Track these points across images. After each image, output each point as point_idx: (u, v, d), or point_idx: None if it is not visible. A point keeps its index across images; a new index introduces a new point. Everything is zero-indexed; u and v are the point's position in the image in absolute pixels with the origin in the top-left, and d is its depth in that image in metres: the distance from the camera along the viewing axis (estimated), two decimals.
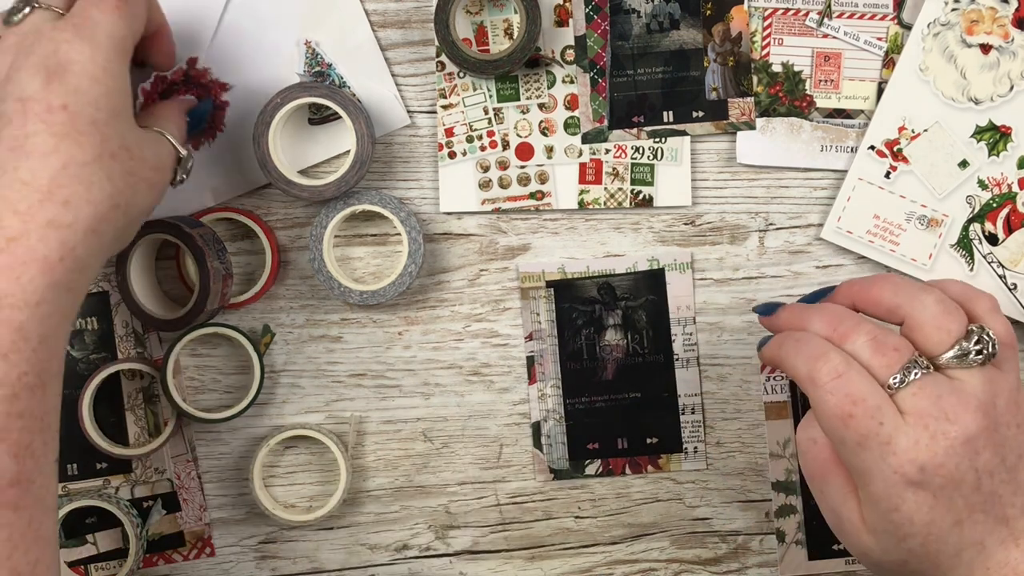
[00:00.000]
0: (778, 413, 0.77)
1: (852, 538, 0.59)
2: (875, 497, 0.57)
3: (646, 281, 0.77)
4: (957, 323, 0.58)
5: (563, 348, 0.77)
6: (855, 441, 0.56)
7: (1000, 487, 0.57)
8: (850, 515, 0.59)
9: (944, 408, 0.56)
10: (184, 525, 0.78)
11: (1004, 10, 0.74)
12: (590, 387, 0.77)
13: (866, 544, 0.59)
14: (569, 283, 0.77)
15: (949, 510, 0.56)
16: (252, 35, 0.74)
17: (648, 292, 0.77)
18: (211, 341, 0.77)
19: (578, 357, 0.77)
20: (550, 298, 0.77)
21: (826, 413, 0.57)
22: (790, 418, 0.77)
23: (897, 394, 0.56)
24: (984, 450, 0.56)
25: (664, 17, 0.75)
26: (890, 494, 0.56)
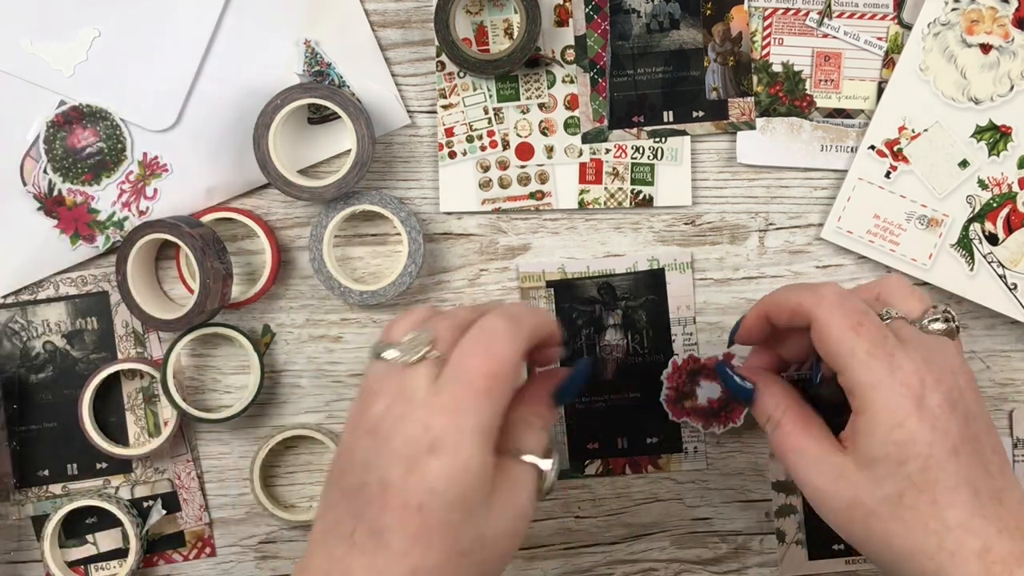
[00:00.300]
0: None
1: (839, 484, 0.59)
2: (879, 413, 0.58)
3: (646, 281, 0.77)
4: (923, 299, 0.62)
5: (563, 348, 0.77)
6: (865, 350, 0.58)
7: (982, 435, 0.59)
8: (836, 457, 0.60)
9: (928, 343, 0.59)
10: (184, 525, 0.78)
11: (1004, 10, 0.74)
12: (590, 387, 0.77)
13: (856, 485, 0.59)
14: (569, 283, 0.77)
15: (947, 434, 0.57)
16: (252, 34, 0.74)
17: (648, 292, 0.77)
18: (211, 341, 0.77)
19: (578, 357, 0.77)
20: (550, 298, 0.77)
21: (836, 326, 0.59)
22: None
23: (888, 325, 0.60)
24: (967, 391, 0.59)
25: (664, 17, 0.75)
26: (897, 408, 0.57)
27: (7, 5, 0.73)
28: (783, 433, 0.62)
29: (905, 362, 0.58)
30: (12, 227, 0.75)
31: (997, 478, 0.59)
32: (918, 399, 0.57)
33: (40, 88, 0.74)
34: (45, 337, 0.77)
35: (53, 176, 0.75)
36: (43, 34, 0.74)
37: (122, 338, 0.77)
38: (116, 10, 0.74)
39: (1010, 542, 0.57)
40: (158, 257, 0.77)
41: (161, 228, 0.71)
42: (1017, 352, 0.77)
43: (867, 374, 0.58)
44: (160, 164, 0.75)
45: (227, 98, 0.75)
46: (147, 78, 0.74)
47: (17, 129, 0.75)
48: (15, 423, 0.77)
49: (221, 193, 0.76)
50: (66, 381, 0.77)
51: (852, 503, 0.59)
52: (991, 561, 0.57)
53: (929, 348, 0.59)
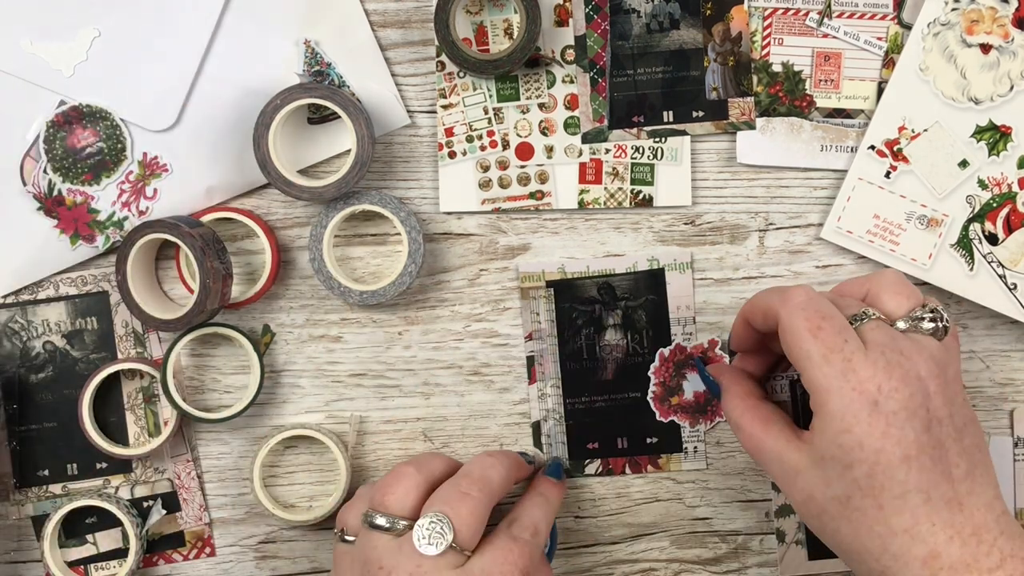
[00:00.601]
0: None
1: (797, 480, 0.61)
2: (830, 416, 0.59)
3: (646, 281, 0.77)
4: (912, 297, 0.62)
5: (563, 348, 0.77)
6: (821, 354, 0.59)
7: (948, 440, 0.59)
8: (793, 455, 0.61)
9: (900, 347, 0.60)
10: (184, 525, 0.78)
11: (1004, 10, 0.74)
12: (590, 387, 0.77)
13: (810, 483, 0.60)
14: (569, 283, 0.77)
15: (899, 443, 0.58)
16: (252, 34, 0.74)
17: (648, 292, 0.77)
18: (211, 341, 0.77)
19: (578, 357, 0.77)
20: (550, 298, 0.77)
21: (796, 327, 0.60)
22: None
23: (858, 328, 0.61)
24: (936, 395, 0.59)
25: (664, 17, 0.75)
26: (846, 413, 0.58)
27: (7, 5, 0.73)
28: (745, 434, 0.65)
29: (862, 368, 0.58)
30: (12, 227, 0.75)
31: (960, 483, 0.59)
32: (871, 405, 0.58)
33: (40, 88, 0.74)
34: (45, 337, 0.77)
35: (53, 176, 0.75)
36: (43, 34, 0.74)
37: (122, 338, 0.77)
38: (116, 10, 0.74)
39: (961, 548, 0.57)
40: (158, 257, 0.77)
41: (161, 228, 0.71)
42: (1017, 352, 0.77)
43: (821, 378, 0.59)
44: (160, 164, 0.75)
45: (227, 98, 0.75)
46: (147, 78, 0.74)
47: (17, 129, 0.75)
48: (15, 423, 0.77)
49: (221, 193, 0.76)
50: (66, 381, 0.77)
51: (807, 499, 0.61)
52: (938, 567, 0.57)
53: (899, 352, 0.59)
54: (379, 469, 0.78)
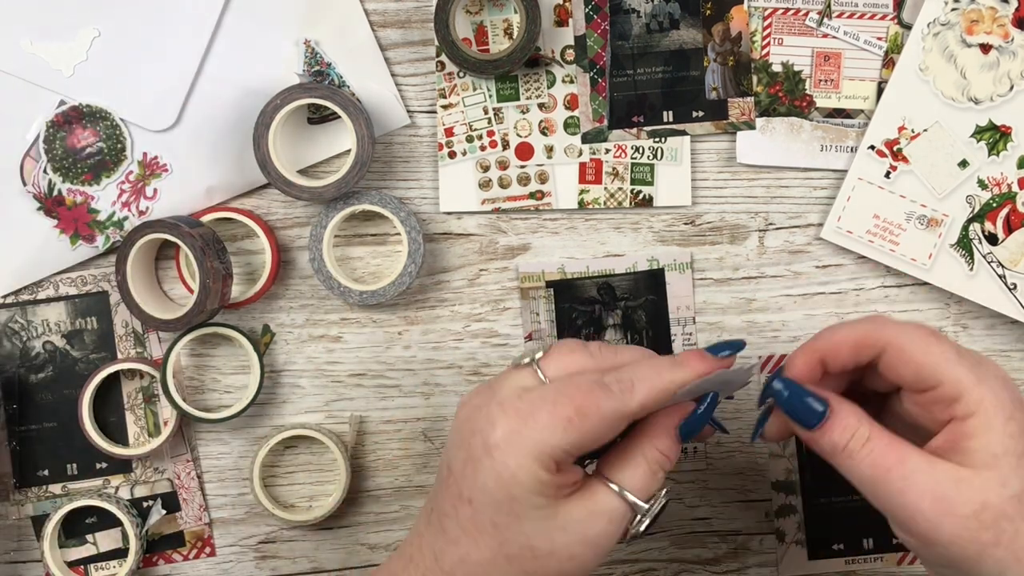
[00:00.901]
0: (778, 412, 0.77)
1: (961, 492, 0.56)
2: (991, 410, 0.56)
3: (646, 281, 0.77)
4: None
5: None
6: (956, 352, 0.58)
7: None
8: (947, 468, 0.56)
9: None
10: (184, 525, 0.78)
11: (1004, 10, 0.74)
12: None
13: (981, 489, 0.56)
14: (569, 283, 0.77)
15: None
16: (252, 34, 0.74)
17: (648, 292, 0.77)
18: (211, 341, 0.77)
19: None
20: (550, 298, 0.77)
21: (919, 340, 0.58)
22: None
23: None
24: None
25: (664, 17, 0.75)
26: (1005, 401, 0.57)
27: (7, 5, 0.73)
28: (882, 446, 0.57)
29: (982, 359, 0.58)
30: (12, 227, 0.75)
31: None
32: (1012, 388, 0.57)
33: (40, 88, 0.74)
34: (45, 337, 0.77)
35: (53, 176, 0.75)
36: (43, 34, 0.74)
37: (122, 338, 0.77)
38: (116, 10, 0.74)
39: None
40: (158, 257, 0.77)
41: (161, 228, 0.71)
42: (1017, 352, 0.77)
43: (968, 374, 0.57)
44: (160, 164, 0.75)
45: (227, 98, 0.75)
46: (147, 78, 0.74)
47: (17, 129, 0.75)
48: (15, 423, 0.77)
49: (221, 193, 0.76)
50: (66, 381, 0.77)
51: (982, 507, 0.56)
52: None
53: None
54: (379, 469, 0.78)
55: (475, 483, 0.57)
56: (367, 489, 0.78)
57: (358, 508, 0.78)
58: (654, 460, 0.59)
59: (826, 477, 0.76)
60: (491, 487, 0.56)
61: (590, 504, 0.58)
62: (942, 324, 0.77)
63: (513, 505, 0.56)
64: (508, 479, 0.56)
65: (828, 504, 0.77)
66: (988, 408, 0.56)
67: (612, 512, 0.58)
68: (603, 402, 0.57)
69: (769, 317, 0.77)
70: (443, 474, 0.59)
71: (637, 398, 0.57)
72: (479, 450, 0.57)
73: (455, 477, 0.58)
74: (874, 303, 0.77)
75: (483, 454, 0.56)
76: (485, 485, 0.56)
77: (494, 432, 0.56)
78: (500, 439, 0.56)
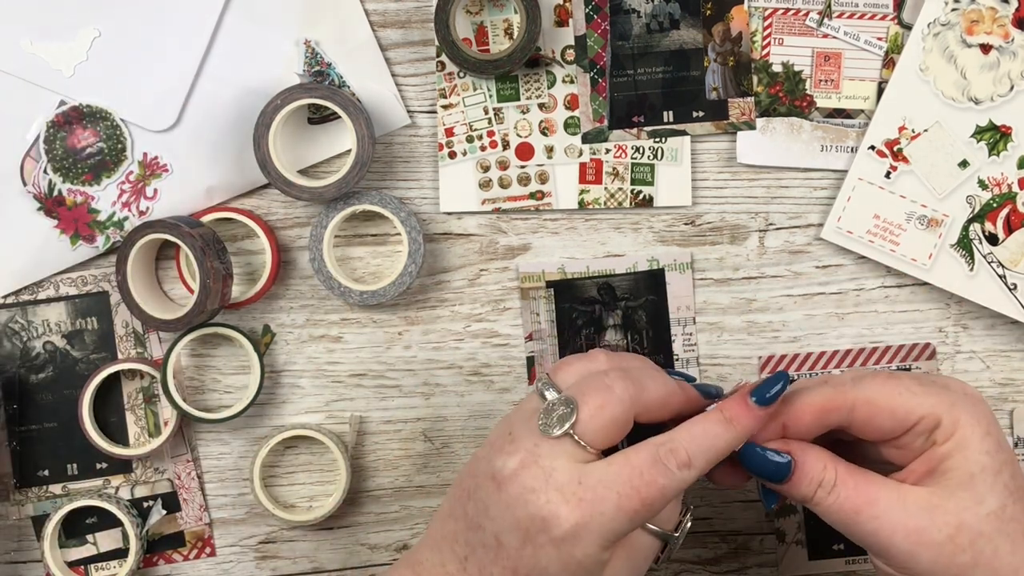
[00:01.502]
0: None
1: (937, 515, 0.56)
2: (967, 429, 0.57)
3: (646, 281, 0.77)
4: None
5: (563, 348, 0.77)
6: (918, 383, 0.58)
7: None
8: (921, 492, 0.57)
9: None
10: (184, 525, 0.78)
11: (1004, 10, 0.74)
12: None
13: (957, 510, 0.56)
14: (569, 283, 0.77)
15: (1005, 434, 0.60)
16: (252, 34, 0.74)
17: (648, 292, 0.77)
18: (211, 341, 0.77)
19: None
20: (550, 298, 0.77)
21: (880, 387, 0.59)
22: None
23: None
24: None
25: (664, 17, 0.75)
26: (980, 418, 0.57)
27: (7, 5, 0.73)
28: (848, 490, 0.58)
29: (947, 381, 0.58)
30: (12, 227, 0.75)
31: None
32: (984, 403, 0.58)
33: (40, 88, 0.74)
34: (45, 337, 0.77)
35: (53, 176, 0.75)
36: (43, 34, 0.74)
37: (122, 338, 0.77)
38: (116, 10, 0.74)
39: None
40: (158, 257, 0.77)
41: (161, 228, 0.71)
42: (1017, 352, 0.77)
43: (939, 400, 0.57)
44: (160, 164, 0.75)
45: (227, 98, 0.75)
46: (147, 78, 0.74)
47: (17, 129, 0.75)
48: (15, 423, 0.77)
49: (221, 193, 0.76)
50: (66, 381, 0.77)
51: (957, 530, 0.56)
52: None
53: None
54: (379, 469, 0.78)
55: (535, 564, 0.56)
56: (367, 489, 0.78)
57: (358, 508, 0.78)
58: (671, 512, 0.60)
59: None
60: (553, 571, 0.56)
61: (629, 551, 0.59)
62: (942, 324, 0.77)
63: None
64: (574, 567, 0.56)
65: None
66: (964, 427, 0.57)
67: (648, 550, 0.60)
68: (665, 484, 0.56)
69: (769, 317, 0.77)
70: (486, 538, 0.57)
71: (694, 472, 0.58)
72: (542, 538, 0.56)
73: (507, 552, 0.57)
74: (874, 303, 0.77)
75: (547, 543, 0.56)
76: (547, 569, 0.56)
77: (560, 525, 0.55)
78: (568, 533, 0.55)
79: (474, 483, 0.59)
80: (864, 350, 0.77)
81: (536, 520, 0.56)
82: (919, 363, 0.77)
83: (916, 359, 0.77)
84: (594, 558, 0.56)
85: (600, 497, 0.56)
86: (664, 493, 0.56)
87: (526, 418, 0.58)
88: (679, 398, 0.61)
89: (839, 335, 0.77)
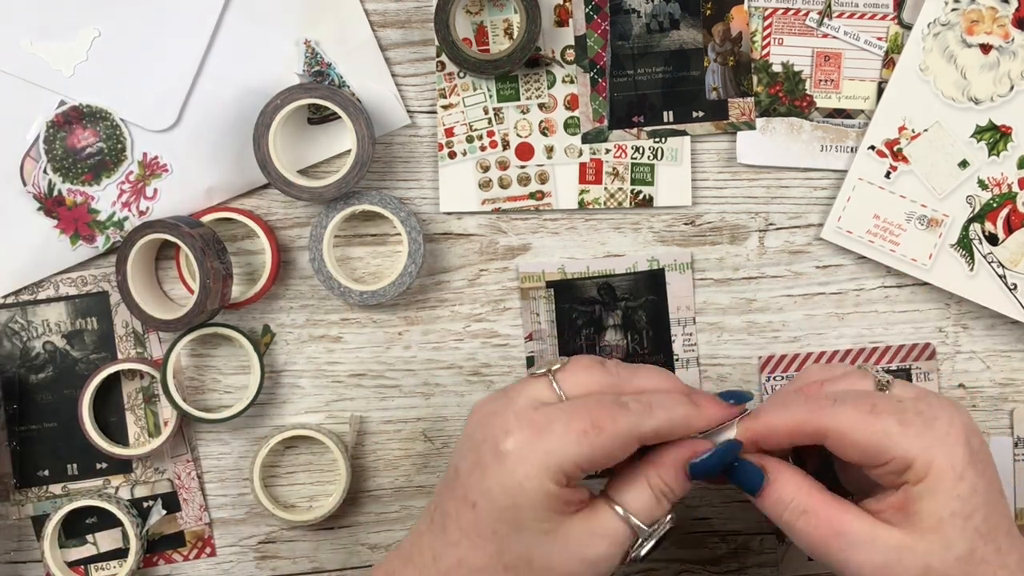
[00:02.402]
0: None
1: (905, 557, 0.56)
2: (940, 473, 0.56)
3: (646, 282, 0.77)
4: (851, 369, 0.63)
5: (563, 348, 0.77)
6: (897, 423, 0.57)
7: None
8: (894, 532, 0.57)
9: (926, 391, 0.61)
10: (184, 525, 0.78)
11: (1004, 10, 0.74)
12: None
13: (925, 553, 0.56)
14: (569, 283, 0.77)
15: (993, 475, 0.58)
16: (252, 34, 0.74)
17: (648, 292, 0.77)
18: (211, 341, 0.77)
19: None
20: (550, 298, 0.77)
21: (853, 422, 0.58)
22: None
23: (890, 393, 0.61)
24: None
25: (664, 17, 0.75)
26: (955, 461, 0.56)
27: (7, 5, 0.73)
28: (819, 518, 0.58)
29: (938, 418, 0.57)
30: (12, 227, 0.75)
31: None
32: (966, 444, 0.56)
33: (40, 88, 0.74)
34: (45, 337, 0.77)
35: (53, 176, 0.75)
36: (43, 34, 0.74)
37: (122, 338, 0.77)
38: (116, 10, 0.74)
39: None
40: (158, 257, 0.77)
41: (161, 228, 0.71)
42: (1017, 352, 0.77)
43: (915, 442, 0.56)
44: (160, 164, 0.75)
45: (227, 98, 0.75)
46: (147, 78, 0.74)
47: (17, 129, 0.75)
48: (15, 423, 0.77)
49: (221, 193, 0.76)
50: (66, 381, 0.77)
51: (924, 572, 0.56)
52: None
53: (932, 394, 0.58)
54: (379, 469, 0.78)
55: (481, 487, 0.57)
56: (367, 489, 0.78)
57: (358, 508, 0.78)
58: (658, 488, 0.59)
59: (823, 476, 0.76)
60: (497, 494, 0.56)
61: (593, 524, 0.58)
62: (942, 324, 0.77)
63: (516, 514, 0.56)
64: (515, 488, 0.56)
65: None
66: (937, 471, 0.56)
67: (614, 534, 0.58)
68: (620, 419, 0.57)
69: (769, 317, 0.77)
70: (450, 475, 0.59)
71: (653, 422, 0.58)
72: (489, 456, 0.56)
73: (462, 480, 0.58)
74: (874, 303, 0.77)
75: (492, 460, 0.56)
76: (491, 491, 0.56)
77: (507, 440, 0.56)
78: (512, 448, 0.56)
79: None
80: (864, 350, 0.77)
81: (488, 440, 0.57)
82: (919, 363, 0.77)
83: (916, 359, 0.77)
84: (538, 487, 0.56)
85: (551, 419, 0.56)
86: (617, 426, 0.56)
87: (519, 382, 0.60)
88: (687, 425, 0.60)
89: (839, 335, 0.77)
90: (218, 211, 0.75)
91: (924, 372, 0.77)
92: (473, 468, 0.57)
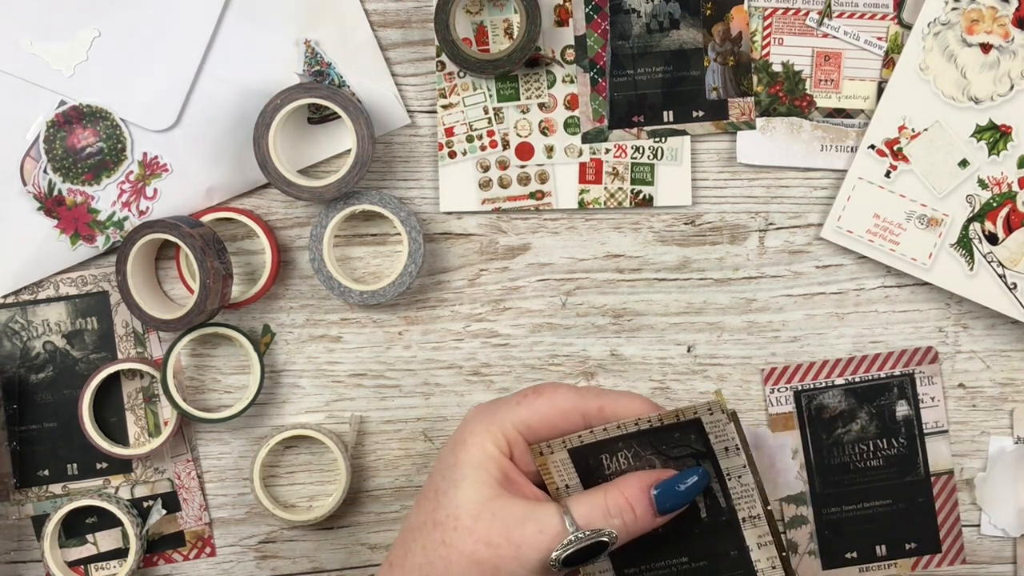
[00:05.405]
0: (784, 424, 0.77)
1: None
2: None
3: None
4: None
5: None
6: None
7: None
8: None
9: None
10: (184, 525, 0.78)
11: (1004, 9, 0.74)
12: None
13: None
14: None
15: None
16: (252, 34, 0.75)
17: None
18: (211, 341, 0.77)
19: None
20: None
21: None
22: (796, 428, 0.77)
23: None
24: None
25: (664, 17, 0.75)
26: None
27: (7, 5, 0.73)
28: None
29: None
30: (12, 227, 0.75)
31: None
32: None
33: (40, 88, 0.74)
34: (45, 337, 0.77)
35: (53, 176, 0.75)
36: (43, 34, 0.74)
37: (122, 338, 0.77)
38: (116, 10, 0.74)
39: None
40: (158, 257, 0.77)
41: (161, 228, 0.71)
42: (1017, 352, 0.77)
43: None
44: (160, 164, 0.75)
45: (227, 98, 0.75)
46: (147, 78, 0.74)
47: (17, 129, 0.75)
48: (15, 423, 0.77)
49: (221, 193, 0.76)
50: (66, 381, 0.77)
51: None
52: None
53: None
54: (379, 469, 0.78)
55: (438, 457, 0.62)
56: (367, 489, 0.78)
57: (358, 508, 0.78)
58: (614, 503, 0.59)
59: (835, 486, 0.76)
60: (444, 453, 0.61)
61: (533, 510, 0.58)
62: (942, 324, 0.77)
63: (456, 471, 0.59)
64: (459, 445, 0.60)
65: (839, 513, 0.77)
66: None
67: (547, 526, 0.58)
68: (561, 386, 0.61)
69: (769, 317, 0.77)
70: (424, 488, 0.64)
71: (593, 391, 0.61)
72: (455, 434, 0.62)
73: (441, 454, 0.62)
74: (874, 303, 0.77)
75: (454, 434, 0.61)
76: (441, 454, 0.61)
77: (468, 423, 0.61)
78: (469, 417, 0.61)
79: None
80: (866, 357, 0.77)
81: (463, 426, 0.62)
82: (922, 367, 0.76)
83: (919, 363, 0.77)
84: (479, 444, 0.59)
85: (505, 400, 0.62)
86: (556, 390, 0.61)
87: None
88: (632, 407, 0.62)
89: (839, 335, 0.77)
90: (218, 211, 0.76)
91: (927, 376, 0.76)
92: (448, 448, 0.61)
